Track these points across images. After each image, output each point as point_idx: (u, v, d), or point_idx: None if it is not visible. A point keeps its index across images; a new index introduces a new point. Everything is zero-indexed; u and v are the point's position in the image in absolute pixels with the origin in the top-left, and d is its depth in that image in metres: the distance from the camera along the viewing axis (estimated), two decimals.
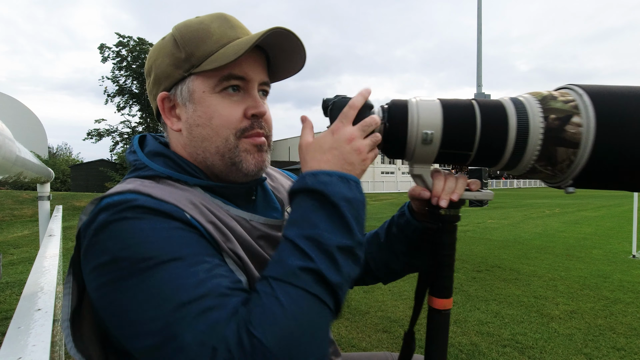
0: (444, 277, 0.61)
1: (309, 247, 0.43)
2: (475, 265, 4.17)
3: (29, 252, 5.48)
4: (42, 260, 0.89)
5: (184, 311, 0.39)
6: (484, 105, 0.55)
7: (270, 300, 0.40)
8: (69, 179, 22.11)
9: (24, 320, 0.50)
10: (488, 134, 0.54)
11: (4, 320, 2.66)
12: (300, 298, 0.40)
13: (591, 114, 0.50)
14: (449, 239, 0.61)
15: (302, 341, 0.39)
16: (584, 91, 0.51)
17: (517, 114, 0.53)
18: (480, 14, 13.27)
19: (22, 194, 10.60)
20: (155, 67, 0.59)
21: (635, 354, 2.11)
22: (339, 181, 0.48)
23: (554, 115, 0.51)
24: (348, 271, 0.44)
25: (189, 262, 0.42)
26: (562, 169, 0.53)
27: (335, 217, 0.45)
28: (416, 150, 0.57)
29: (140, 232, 0.43)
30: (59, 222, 1.82)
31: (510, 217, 9.25)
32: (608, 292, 3.19)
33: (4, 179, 1.48)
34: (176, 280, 0.41)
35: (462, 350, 2.15)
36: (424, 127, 0.55)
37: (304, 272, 0.41)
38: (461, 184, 0.60)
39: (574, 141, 0.50)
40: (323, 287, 0.42)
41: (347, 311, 2.78)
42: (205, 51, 0.55)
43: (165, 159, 0.57)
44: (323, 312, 0.42)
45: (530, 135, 0.52)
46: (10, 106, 3.27)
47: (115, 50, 27.37)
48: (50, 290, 0.65)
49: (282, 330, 0.38)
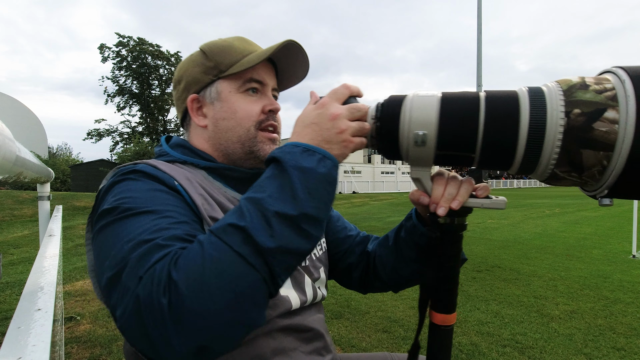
0: (445, 290, 0.55)
1: (248, 208, 0.44)
2: (475, 265, 4.17)
3: (29, 252, 5.48)
4: (42, 260, 0.89)
5: (138, 249, 0.43)
6: (492, 97, 0.47)
7: (197, 249, 0.42)
8: (69, 179, 22.10)
9: (24, 320, 0.50)
10: (493, 133, 0.46)
11: (4, 320, 2.66)
12: (223, 252, 0.41)
13: (632, 107, 0.39)
14: (451, 251, 0.54)
15: (214, 292, 0.39)
16: (628, 76, 0.40)
17: (531, 108, 0.44)
18: (480, 14, 13.27)
19: (22, 194, 10.60)
20: (185, 76, 0.70)
21: (635, 354, 2.11)
22: (302, 152, 0.48)
23: (578, 110, 0.41)
24: (284, 240, 0.43)
25: (159, 215, 0.48)
26: (592, 176, 0.43)
27: (284, 184, 0.45)
28: (410, 152, 0.51)
29: (131, 189, 0.52)
30: (59, 222, 1.82)
31: (510, 217, 9.25)
32: (608, 292, 3.19)
33: (4, 179, 1.48)
34: (142, 226, 0.46)
35: (462, 350, 2.15)
36: (416, 127, 0.49)
37: (233, 229, 0.42)
38: (464, 189, 0.53)
39: (607, 142, 0.40)
40: (251, 248, 0.41)
41: (347, 311, 2.78)
42: (230, 60, 0.66)
43: (184, 149, 0.68)
44: (247, 273, 0.41)
45: (546, 134, 0.43)
46: (10, 106, 3.27)
47: (115, 50, 27.37)
48: (50, 290, 0.64)
49: (194, 275, 0.39)
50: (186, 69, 0.70)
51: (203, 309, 0.39)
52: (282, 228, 0.43)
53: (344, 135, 0.50)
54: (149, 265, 0.41)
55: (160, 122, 30.92)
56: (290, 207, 0.44)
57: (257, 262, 0.41)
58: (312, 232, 0.45)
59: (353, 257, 0.81)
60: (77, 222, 8.16)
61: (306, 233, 0.45)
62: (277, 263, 0.42)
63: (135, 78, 28.68)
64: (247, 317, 0.41)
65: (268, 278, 0.42)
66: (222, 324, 0.40)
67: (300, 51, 0.67)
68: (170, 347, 0.39)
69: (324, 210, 0.47)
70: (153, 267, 0.41)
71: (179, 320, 0.38)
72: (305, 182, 0.45)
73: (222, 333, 0.40)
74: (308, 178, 0.46)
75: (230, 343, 0.41)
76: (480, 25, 13.33)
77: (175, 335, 0.38)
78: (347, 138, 0.51)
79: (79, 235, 6.76)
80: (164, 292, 0.39)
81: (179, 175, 0.59)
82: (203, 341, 0.39)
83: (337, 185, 0.50)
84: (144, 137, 28.00)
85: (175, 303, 0.38)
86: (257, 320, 0.42)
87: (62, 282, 2.97)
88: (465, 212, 0.54)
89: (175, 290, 0.39)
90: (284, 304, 0.62)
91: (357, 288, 0.84)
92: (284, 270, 0.44)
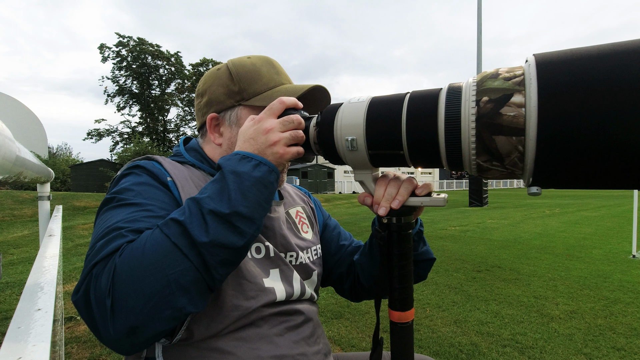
0: (398, 289, 0.56)
1: (189, 206, 0.49)
2: (475, 265, 4.16)
3: (29, 252, 5.48)
4: (42, 260, 0.89)
5: (107, 235, 0.50)
6: (414, 97, 0.49)
7: (142, 239, 0.47)
8: (69, 179, 22.09)
9: (24, 320, 0.49)
10: (415, 130, 0.48)
11: (4, 320, 2.66)
12: (161, 242, 0.46)
13: (534, 88, 0.38)
14: (398, 250, 0.56)
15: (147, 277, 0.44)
16: (534, 61, 0.40)
17: (446, 102, 0.45)
18: (480, 14, 13.27)
19: (22, 194, 10.60)
20: (209, 92, 0.72)
21: (635, 354, 2.11)
22: (240, 159, 0.53)
23: (486, 98, 0.41)
24: (218, 235, 0.47)
25: (140, 208, 0.55)
26: (514, 164, 0.42)
27: (220, 186, 0.50)
28: (347, 157, 0.54)
29: (129, 182, 0.59)
30: (59, 222, 1.82)
31: (510, 217, 9.25)
32: (608, 292, 3.19)
33: (4, 179, 1.48)
34: (122, 215, 0.53)
35: (462, 350, 2.15)
36: (347, 133, 0.53)
37: (173, 223, 0.48)
38: (404, 189, 0.56)
39: (516, 126, 0.40)
40: (186, 240, 0.46)
41: (347, 311, 2.79)
42: (255, 90, 0.69)
43: (196, 153, 0.73)
44: (180, 262, 0.45)
45: (462, 126, 0.43)
46: (10, 106, 3.27)
47: (115, 50, 27.39)
48: (50, 290, 0.64)
49: (133, 262, 0.45)
50: (210, 85, 0.72)
51: (136, 292, 0.44)
52: (216, 225, 0.47)
53: (276, 147, 0.55)
54: (104, 254, 0.47)
55: (160, 122, 30.92)
56: (224, 206, 0.48)
57: (190, 254, 0.46)
58: (244, 229, 0.49)
59: (343, 267, 0.85)
60: (77, 222, 8.16)
61: (239, 230, 0.49)
62: (210, 256, 0.47)
63: (135, 78, 28.67)
64: (176, 302, 0.45)
65: (202, 269, 0.47)
66: (151, 307, 0.44)
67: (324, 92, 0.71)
68: (106, 327, 0.44)
69: (258, 210, 0.51)
70: (110, 256, 0.47)
71: (115, 300, 0.43)
72: (239, 184, 0.50)
73: (152, 315, 0.44)
74: (242, 181, 0.51)
75: (159, 325, 0.45)
76: (480, 25, 13.33)
77: (111, 316, 0.43)
78: (279, 149, 0.55)
79: (79, 235, 6.76)
80: (107, 278, 0.44)
81: (179, 175, 0.64)
82: (134, 322, 0.44)
83: (273, 188, 0.54)
84: (144, 137, 28.00)
85: (113, 287, 0.44)
86: (186, 307, 0.46)
87: (62, 282, 2.97)
88: (409, 211, 0.56)
89: (115, 275, 0.44)
90: (267, 295, 0.65)
91: (348, 297, 0.87)
92: (219, 264, 0.48)
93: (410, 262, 0.57)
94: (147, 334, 0.45)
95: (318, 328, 0.75)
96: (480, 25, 13.30)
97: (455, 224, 7.99)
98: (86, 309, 0.45)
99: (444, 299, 3.05)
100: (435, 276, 3.66)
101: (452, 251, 4.96)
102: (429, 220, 8.74)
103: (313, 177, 26.02)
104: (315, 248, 0.81)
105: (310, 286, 0.77)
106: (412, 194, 0.56)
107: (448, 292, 3.21)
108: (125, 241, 0.48)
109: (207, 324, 0.59)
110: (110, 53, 27.65)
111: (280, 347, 0.64)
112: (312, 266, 0.77)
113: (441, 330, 2.44)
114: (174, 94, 31.28)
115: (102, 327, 0.44)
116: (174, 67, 29.83)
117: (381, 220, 0.57)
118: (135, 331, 0.44)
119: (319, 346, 0.72)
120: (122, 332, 0.44)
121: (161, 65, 29.44)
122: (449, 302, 2.99)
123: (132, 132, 28.89)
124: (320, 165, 26.49)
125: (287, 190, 0.86)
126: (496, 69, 0.44)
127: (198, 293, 0.47)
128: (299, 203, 0.86)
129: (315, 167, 25.85)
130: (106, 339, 0.45)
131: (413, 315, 0.57)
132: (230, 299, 0.61)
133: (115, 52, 27.62)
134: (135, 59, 28.09)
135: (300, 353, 0.66)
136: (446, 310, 2.81)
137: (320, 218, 0.90)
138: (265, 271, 0.67)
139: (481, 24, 13.31)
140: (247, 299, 0.62)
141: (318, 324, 0.76)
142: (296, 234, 0.79)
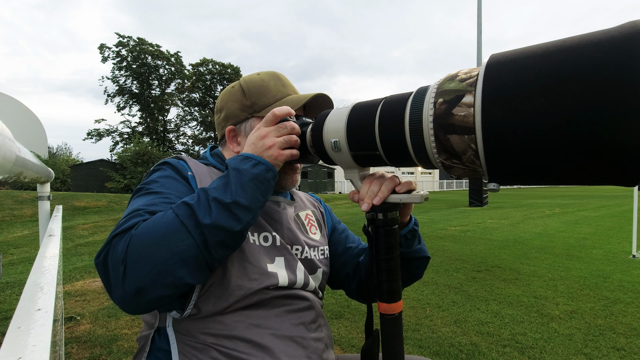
0: (385, 281, 0.60)
1: (199, 193, 0.58)
2: (475, 265, 4.17)
3: (29, 252, 5.48)
4: (42, 260, 0.89)
5: (132, 213, 0.59)
6: (388, 101, 0.54)
7: (157, 216, 0.56)
8: (69, 179, 22.08)
9: (24, 320, 0.49)
10: (386, 132, 0.52)
11: (4, 320, 2.66)
12: (172, 220, 0.54)
13: (479, 88, 0.40)
14: (384, 244, 0.59)
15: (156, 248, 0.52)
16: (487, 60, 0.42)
17: (411, 105, 0.49)
18: (480, 14, 13.27)
19: (22, 194, 10.60)
20: (226, 108, 0.81)
21: (635, 354, 2.11)
22: (243, 159, 0.62)
23: (441, 99, 0.44)
24: (219, 219, 0.55)
25: (160, 196, 0.64)
26: (471, 161, 0.44)
27: (224, 179, 0.59)
28: (334, 157, 0.61)
29: (157, 176, 0.69)
30: (59, 222, 1.82)
31: (510, 217, 9.26)
32: (608, 292, 3.19)
33: (4, 179, 1.48)
34: (145, 201, 0.62)
35: (462, 350, 2.15)
36: (331, 135, 0.59)
37: (183, 205, 0.56)
38: (385, 187, 0.60)
39: (466, 125, 0.42)
40: (193, 220, 0.54)
41: (347, 311, 2.79)
42: (264, 102, 0.78)
43: (219, 158, 0.83)
44: (185, 238, 0.53)
45: (423, 127, 0.47)
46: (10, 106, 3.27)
47: (115, 51, 27.40)
48: (50, 290, 0.64)
49: (146, 234, 0.53)
50: (227, 102, 0.82)
51: (145, 260, 0.52)
52: (218, 210, 0.55)
53: (272, 150, 0.63)
54: (123, 228, 0.55)
55: (160, 122, 30.92)
56: (226, 196, 0.57)
57: (195, 232, 0.54)
58: (241, 216, 0.57)
59: (349, 268, 0.88)
60: (77, 222, 8.16)
61: (237, 216, 0.57)
62: (211, 236, 0.54)
63: (135, 78, 28.67)
64: (176, 273, 0.53)
65: (203, 247, 0.54)
66: (156, 273, 0.52)
67: (327, 101, 0.79)
68: (118, 288, 0.52)
69: (254, 202, 0.59)
70: (127, 230, 0.55)
71: (127, 265, 0.52)
72: (239, 179, 0.59)
73: (156, 281, 0.52)
74: (242, 176, 0.59)
75: (161, 290, 0.53)
76: (480, 25, 13.33)
77: (122, 279, 0.52)
78: (274, 152, 0.63)
79: (79, 235, 6.76)
80: (123, 247, 0.53)
81: (199, 171, 0.73)
82: (141, 284, 0.52)
83: (270, 185, 0.62)
84: (143, 137, 27.98)
85: (127, 255, 0.52)
86: (185, 277, 0.53)
87: (62, 282, 2.97)
88: (391, 208, 0.60)
89: (129, 245, 0.52)
90: (270, 278, 0.70)
91: (356, 297, 0.91)
92: (218, 244, 0.55)
93: (397, 256, 0.61)
94: (150, 296, 0.53)
95: (320, 318, 0.77)
96: (480, 25, 13.30)
97: (455, 224, 7.99)
98: (104, 272, 0.54)
99: (444, 299, 3.05)
100: (435, 276, 3.66)
101: (452, 251, 4.96)
102: (429, 220, 8.74)
103: (313, 177, 26.03)
104: (322, 249, 0.85)
105: (315, 281, 0.80)
106: (393, 191, 0.60)
107: (448, 292, 3.21)
108: (142, 219, 0.57)
109: (214, 301, 0.67)
110: (110, 53, 27.67)
111: (279, 327, 0.69)
112: (318, 263, 0.81)
113: (441, 330, 2.44)
114: (174, 94, 31.29)
115: (115, 287, 0.53)
116: (174, 67, 29.85)
117: (367, 215, 0.62)
118: (141, 292, 0.52)
119: (320, 334, 0.75)
120: (130, 293, 0.52)
121: (161, 65, 29.44)
122: (449, 302, 2.99)
123: (132, 132, 28.89)
124: (320, 165, 26.46)
125: (299, 195, 0.93)
126: (458, 71, 0.46)
127: (197, 268, 0.54)
128: (309, 207, 0.92)
129: (315, 167, 25.83)
130: (117, 298, 0.53)
131: (401, 307, 0.60)
132: (235, 280, 0.67)
133: (115, 52, 27.63)
134: (135, 59, 28.09)
135: (298, 335, 0.70)
136: (446, 310, 2.81)
137: (330, 222, 0.94)
138: (270, 258, 0.73)
139: (481, 24, 13.32)
140: (250, 280, 0.68)
141: (321, 314, 0.78)
142: (304, 233, 0.83)
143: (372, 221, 0.61)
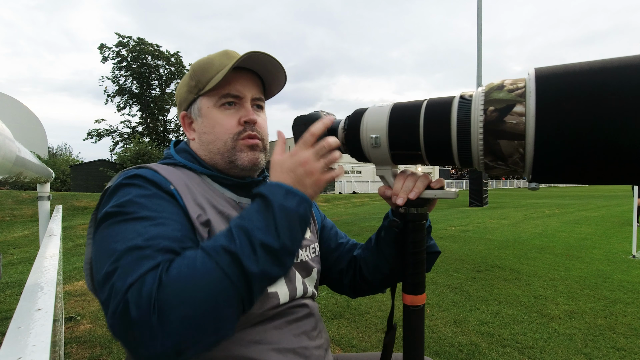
0: (411, 274, 0.63)
1: (238, 234, 0.50)
2: (475, 265, 4.16)
3: (29, 252, 5.48)
4: (42, 260, 0.89)
5: (130, 254, 0.49)
6: (431, 104, 0.56)
7: (189, 262, 0.48)
8: (69, 179, 22.09)
9: (24, 320, 0.50)
10: (431, 133, 0.55)
11: (4, 320, 2.66)
12: (213, 270, 0.47)
13: (532, 100, 0.45)
14: (413, 238, 0.63)
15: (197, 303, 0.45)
16: (535, 75, 0.47)
17: (458, 110, 0.52)
18: (480, 15, 13.26)
19: (22, 194, 10.60)
20: (178, 95, 0.78)
21: (635, 354, 2.11)
22: (285, 193, 0.55)
23: (492, 107, 0.49)
24: (266, 267, 0.49)
25: (153, 222, 0.54)
26: (515, 163, 0.50)
27: (269, 219, 0.52)
28: (370, 154, 0.62)
29: (132, 195, 0.57)
30: (59, 222, 1.82)
31: (510, 217, 9.25)
32: (608, 292, 3.19)
33: (4, 179, 1.48)
34: (137, 230, 0.52)
35: (462, 350, 2.15)
36: (371, 132, 0.60)
37: (224, 251, 0.48)
38: (420, 182, 0.62)
39: (517, 132, 0.47)
40: (237, 270, 0.48)
41: (347, 311, 2.79)
42: (207, 78, 0.71)
43: (187, 154, 0.74)
44: (230, 291, 0.47)
45: (471, 130, 0.51)
46: (10, 106, 3.27)
47: (115, 51, 27.37)
48: (50, 290, 0.64)
49: (183, 285, 0.45)
50: (179, 89, 0.78)
51: (186, 315, 0.44)
52: (265, 256, 0.49)
53: (314, 177, 0.58)
54: (139, 275, 0.46)
55: (160, 122, 30.90)
56: (273, 240, 0.50)
57: (240, 283, 0.48)
58: (287, 262, 0.53)
59: (343, 263, 0.88)
60: (77, 222, 8.16)
61: (283, 263, 0.52)
62: (257, 286, 0.49)
63: (135, 78, 28.66)
64: (220, 328, 0.47)
65: (246, 297, 0.49)
66: (199, 331, 0.45)
67: (271, 60, 0.71)
68: (151, 347, 0.44)
69: (298, 244, 0.55)
70: (143, 277, 0.46)
71: (163, 322, 0.43)
72: (285, 220, 0.52)
73: (198, 339, 0.45)
74: (290, 218, 0.53)
75: (202, 348, 0.47)
76: (480, 25, 13.33)
77: (158, 336, 0.43)
78: (317, 178, 0.59)
79: (79, 235, 6.76)
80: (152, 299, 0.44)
81: (177, 181, 0.64)
82: (180, 344, 0.44)
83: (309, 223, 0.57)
84: (144, 137, 27.98)
85: (161, 308, 0.44)
86: (228, 332, 0.48)
87: (62, 282, 2.97)
88: (423, 203, 0.63)
89: (164, 296, 0.44)
90: (270, 300, 0.67)
91: (347, 292, 0.90)
92: (259, 293, 0.51)
93: (424, 250, 0.64)
94: (189, 355, 0.46)
95: (319, 322, 0.77)
96: (480, 25, 13.30)
97: (455, 224, 7.99)
98: (127, 332, 0.44)
99: (444, 299, 3.05)
100: (435, 276, 3.66)
101: (452, 251, 4.96)
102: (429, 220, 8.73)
103: None
104: (313, 246, 0.83)
105: (311, 283, 0.79)
106: (427, 187, 0.63)
107: (448, 292, 3.21)
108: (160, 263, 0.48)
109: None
110: (110, 53, 27.64)
111: (280, 340, 0.66)
112: (312, 263, 0.80)
113: (441, 330, 2.44)
114: (174, 94, 31.25)
115: (148, 344, 0.44)
116: (174, 67, 29.82)
117: (398, 210, 0.64)
118: (180, 352, 0.45)
119: (320, 341, 0.74)
120: (166, 353, 0.44)
121: (161, 65, 29.42)
122: (449, 302, 2.99)
123: (132, 132, 28.88)
124: None
125: None
126: (502, 81, 0.51)
127: (236, 319, 0.50)
128: None
129: None
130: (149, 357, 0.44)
131: (425, 300, 0.63)
132: None
133: (115, 52, 27.60)
134: (135, 59, 28.07)
135: (302, 347, 0.68)
136: (446, 310, 2.81)
137: (318, 217, 0.93)
138: None
139: (481, 24, 13.31)
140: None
141: (319, 318, 0.78)
142: None
143: (403, 216, 0.63)
